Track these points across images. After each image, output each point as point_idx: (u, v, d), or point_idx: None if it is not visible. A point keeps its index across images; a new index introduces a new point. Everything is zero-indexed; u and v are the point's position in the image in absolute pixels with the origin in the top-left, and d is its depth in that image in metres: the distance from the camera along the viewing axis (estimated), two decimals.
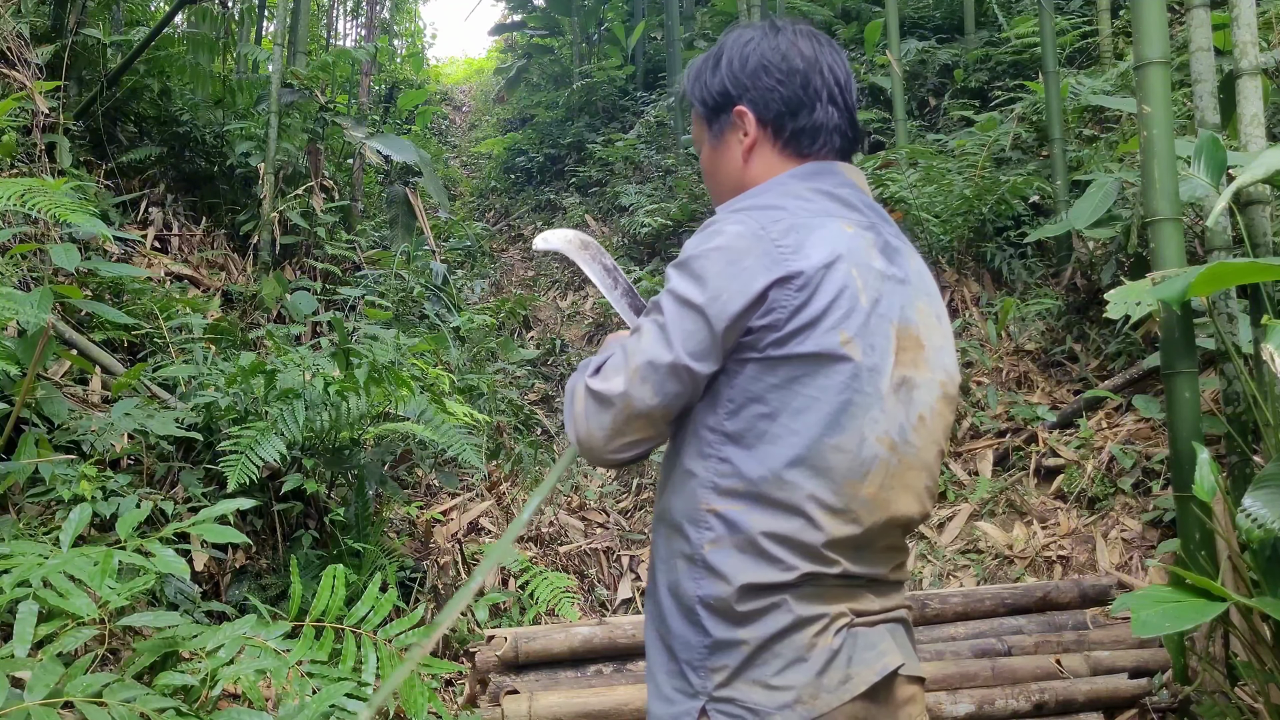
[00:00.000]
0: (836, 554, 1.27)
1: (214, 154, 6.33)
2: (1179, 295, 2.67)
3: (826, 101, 1.42)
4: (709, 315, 1.24)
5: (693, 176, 8.81)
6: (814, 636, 1.25)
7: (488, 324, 6.70)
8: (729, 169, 1.47)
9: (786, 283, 1.24)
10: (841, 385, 1.26)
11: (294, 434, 3.42)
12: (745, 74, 1.43)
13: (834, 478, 1.26)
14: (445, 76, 19.24)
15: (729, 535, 1.27)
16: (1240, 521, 2.29)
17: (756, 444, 1.26)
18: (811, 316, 1.24)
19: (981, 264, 5.79)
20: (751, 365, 1.26)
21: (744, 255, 1.25)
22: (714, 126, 1.48)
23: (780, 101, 1.42)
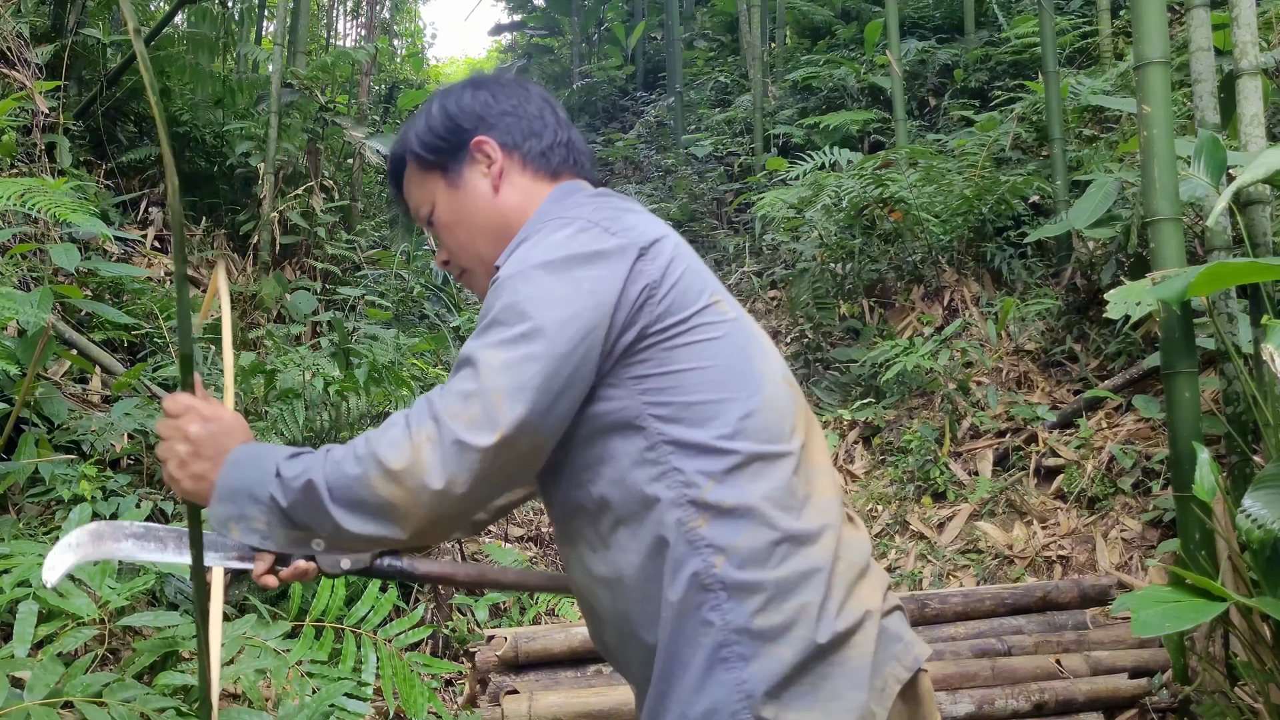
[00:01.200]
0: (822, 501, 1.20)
1: (214, 154, 6.33)
2: (1179, 295, 2.67)
3: (559, 125, 1.41)
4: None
5: (692, 176, 8.82)
6: (856, 636, 1.14)
7: None
8: (479, 206, 1.36)
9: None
10: (739, 343, 1.21)
11: (294, 434, 3.42)
12: (477, 106, 1.39)
13: (775, 433, 1.19)
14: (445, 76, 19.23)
15: (735, 535, 1.13)
16: (1240, 521, 2.29)
17: (697, 432, 1.15)
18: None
19: (981, 264, 5.79)
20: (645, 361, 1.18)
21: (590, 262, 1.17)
22: (449, 172, 1.38)
23: (521, 123, 1.38)
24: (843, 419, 5.28)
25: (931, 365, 4.92)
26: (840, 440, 5.23)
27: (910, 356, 4.96)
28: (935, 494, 4.59)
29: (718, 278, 1.29)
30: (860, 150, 7.28)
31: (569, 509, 1.23)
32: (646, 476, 1.15)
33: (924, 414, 5.05)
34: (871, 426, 5.18)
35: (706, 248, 8.13)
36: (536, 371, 1.09)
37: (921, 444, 4.74)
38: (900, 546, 4.41)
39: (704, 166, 8.90)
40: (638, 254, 1.17)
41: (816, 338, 5.94)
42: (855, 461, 5.12)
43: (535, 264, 1.16)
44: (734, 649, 1.11)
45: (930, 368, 4.95)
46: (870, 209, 5.94)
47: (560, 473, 1.21)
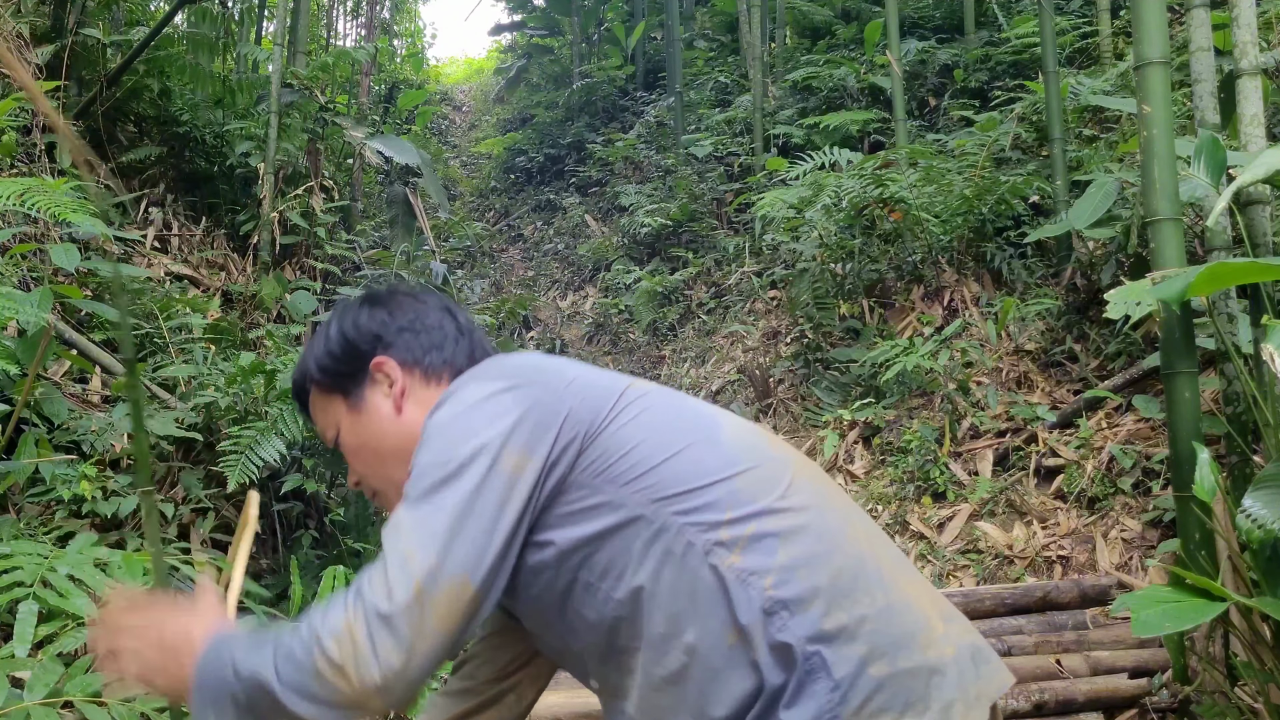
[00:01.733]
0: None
1: (214, 154, 6.33)
2: (1179, 295, 2.67)
3: (459, 331, 1.42)
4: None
5: (692, 176, 8.82)
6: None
7: (488, 324, 6.70)
8: (383, 429, 1.35)
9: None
10: (670, 404, 1.27)
11: (294, 434, 3.42)
12: (374, 326, 1.38)
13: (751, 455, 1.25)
14: (445, 76, 19.24)
15: (772, 555, 1.16)
16: (1240, 521, 2.29)
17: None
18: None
19: (981, 264, 5.79)
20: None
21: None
22: (350, 396, 1.37)
23: (420, 338, 1.38)
24: (843, 419, 5.28)
25: (931, 365, 4.92)
26: (840, 440, 5.23)
27: (910, 356, 4.96)
28: (935, 494, 4.59)
29: (624, 378, 1.33)
30: (860, 150, 7.28)
31: (606, 631, 1.22)
32: (663, 547, 1.17)
33: (924, 414, 5.05)
34: (871, 426, 5.18)
35: (707, 248, 8.13)
36: (442, 518, 1.12)
37: (921, 444, 4.74)
38: (900, 546, 4.40)
39: (704, 166, 8.90)
40: (558, 410, 1.21)
41: (816, 338, 5.94)
42: (855, 461, 5.12)
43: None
44: (813, 660, 1.13)
45: (930, 368, 4.96)
46: (870, 209, 5.94)
47: (583, 606, 1.22)
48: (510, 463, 1.15)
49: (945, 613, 1.26)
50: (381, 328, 1.38)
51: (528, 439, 1.17)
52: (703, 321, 7.40)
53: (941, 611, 1.25)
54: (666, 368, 7.24)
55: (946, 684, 1.17)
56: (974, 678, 1.20)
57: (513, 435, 1.16)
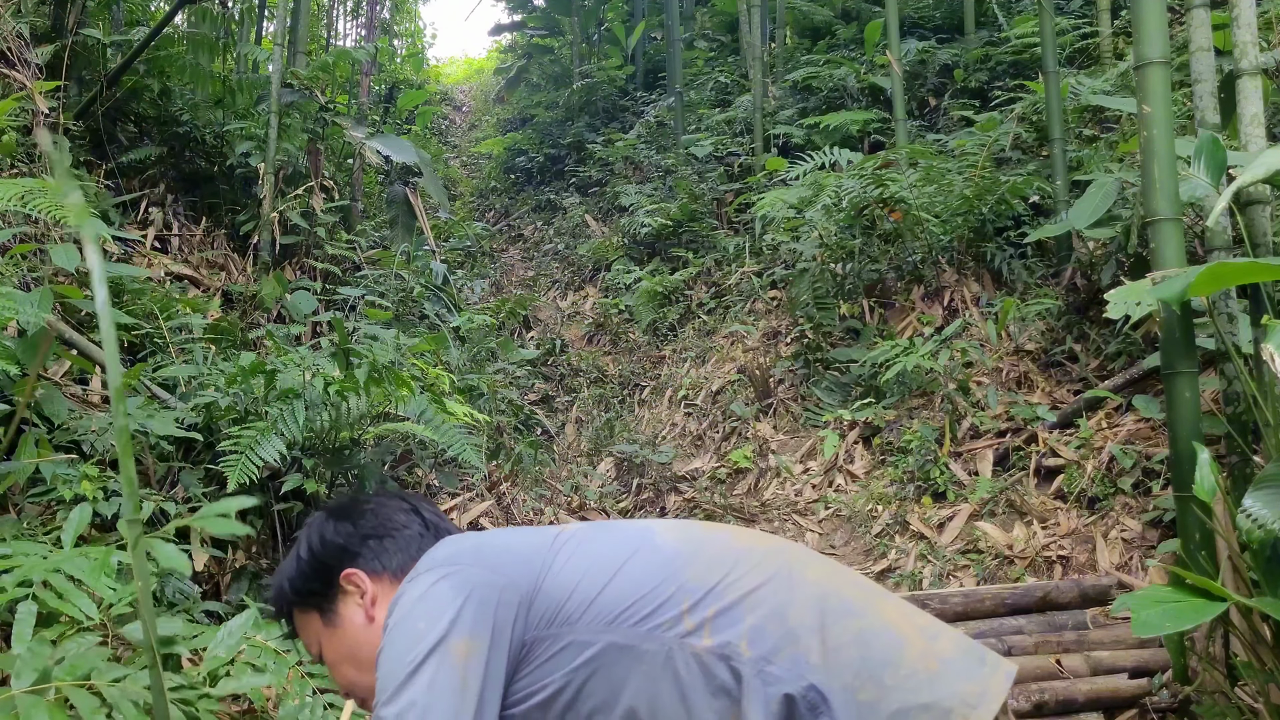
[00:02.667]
0: None
1: (214, 154, 6.33)
2: (1179, 295, 2.67)
3: (424, 528, 1.47)
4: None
5: (692, 176, 8.82)
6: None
7: (488, 324, 6.70)
8: (359, 640, 1.41)
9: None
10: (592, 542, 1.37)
11: (294, 434, 3.42)
12: (340, 539, 1.44)
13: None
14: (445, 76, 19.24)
15: (738, 624, 1.26)
16: (1240, 521, 2.29)
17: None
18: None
19: (981, 264, 5.79)
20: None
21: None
22: (325, 612, 1.43)
23: (385, 543, 1.44)
24: (843, 419, 5.28)
25: (931, 365, 4.92)
26: (840, 440, 5.23)
27: (910, 356, 4.96)
28: (935, 494, 4.59)
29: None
30: (860, 150, 7.27)
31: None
32: (639, 662, 1.24)
33: (924, 414, 5.05)
34: (871, 426, 5.18)
35: (706, 248, 8.13)
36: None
37: (921, 444, 4.74)
38: (900, 546, 4.41)
39: (704, 166, 8.89)
40: (496, 584, 1.28)
41: (816, 338, 5.94)
42: (855, 461, 5.12)
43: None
44: (811, 696, 1.20)
45: (930, 368, 4.96)
46: (870, 209, 5.94)
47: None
48: (459, 650, 1.22)
49: (928, 629, 1.31)
50: (347, 539, 1.43)
51: (471, 622, 1.23)
52: (703, 321, 7.40)
53: (922, 628, 1.30)
54: (666, 368, 7.24)
55: (938, 691, 1.22)
56: (969, 682, 1.24)
57: (455, 624, 1.23)
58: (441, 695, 1.19)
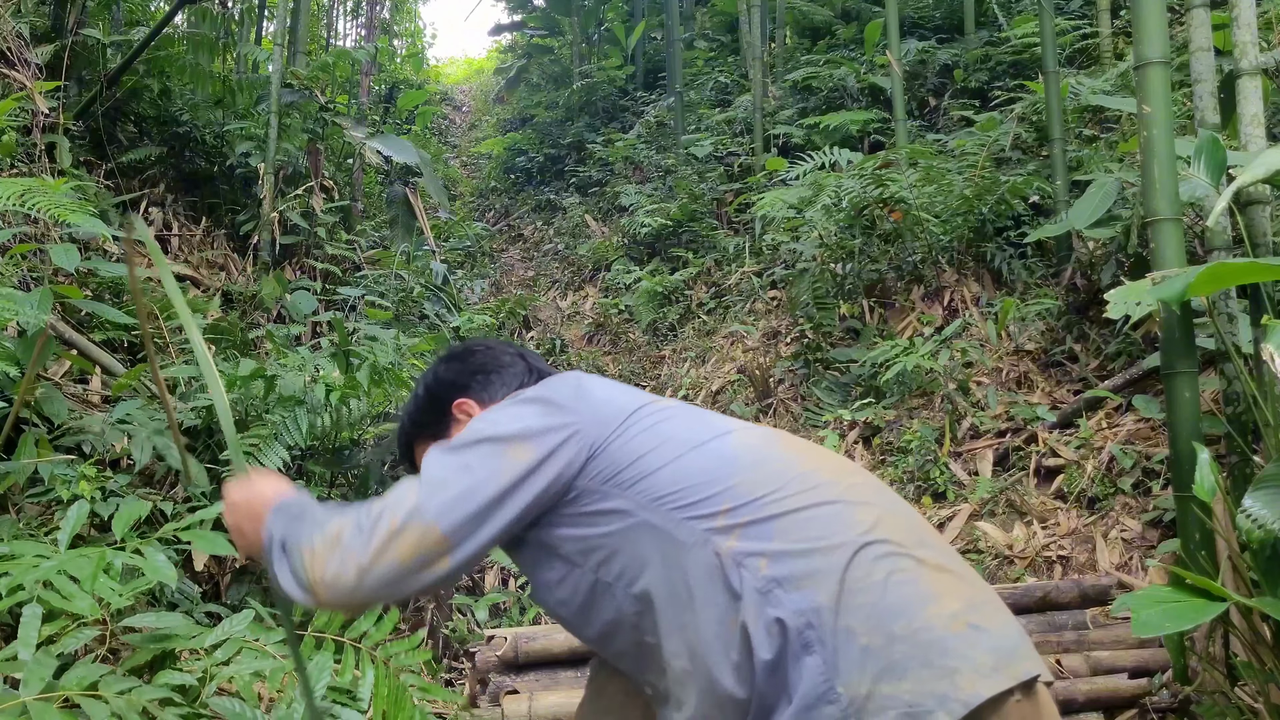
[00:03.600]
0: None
1: (214, 154, 6.33)
2: (1179, 295, 2.67)
3: (528, 366, 1.64)
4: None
5: (692, 176, 8.82)
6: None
7: (488, 324, 6.70)
8: None
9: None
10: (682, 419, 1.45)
11: (296, 440, 3.42)
12: (451, 376, 1.63)
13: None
14: (445, 76, 19.24)
15: (768, 539, 1.29)
16: (1240, 521, 2.29)
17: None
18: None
19: (981, 264, 5.78)
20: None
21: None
22: (440, 438, 1.55)
23: (491, 377, 1.61)
24: (843, 419, 5.28)
25: (931, 365, 4.92)
26: (840, 440, 5.23)
27: (910, 356, 4.96)
28: (935, 494, 4.59)
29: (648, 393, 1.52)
30: (860, 150, 7.27)
31: (630, 629, 1.37)
32: (666, 543, 1.31)
33: (924, 414, 5.05)
34: (871, 426, 5.18)
35: (706, 248, 8.12)
36: (439, 472, 1.37)
37: (921, 444, 4.74)
38: None
39: (704, 166, 8.89)
40: (571, 424, 1.39)
41: (816, 338, 5.94)
42: (855, 461, 5.11)
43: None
44: (806, 635, 1.22)
45: (930, 368, 4.95)
46: (870, 209, 5.94)
47: (605, 607, 1.37)
48: (513, 453, 1.34)
49: (975, 598, 1.28)
50: (458, 375, 1.62)
51: (536, 440, 1.35)
52: (703, 321, 7.40)
53: (969, 596, 1.28)
54: (666, 368, 7.24)
55: (950, 653, 1.20)
56: (989, 654, 1.21)
57: (522, 433, 1.36)
58: (474, 473, 1.33)
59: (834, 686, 1.18)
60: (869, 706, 1.17)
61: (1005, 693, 1.19)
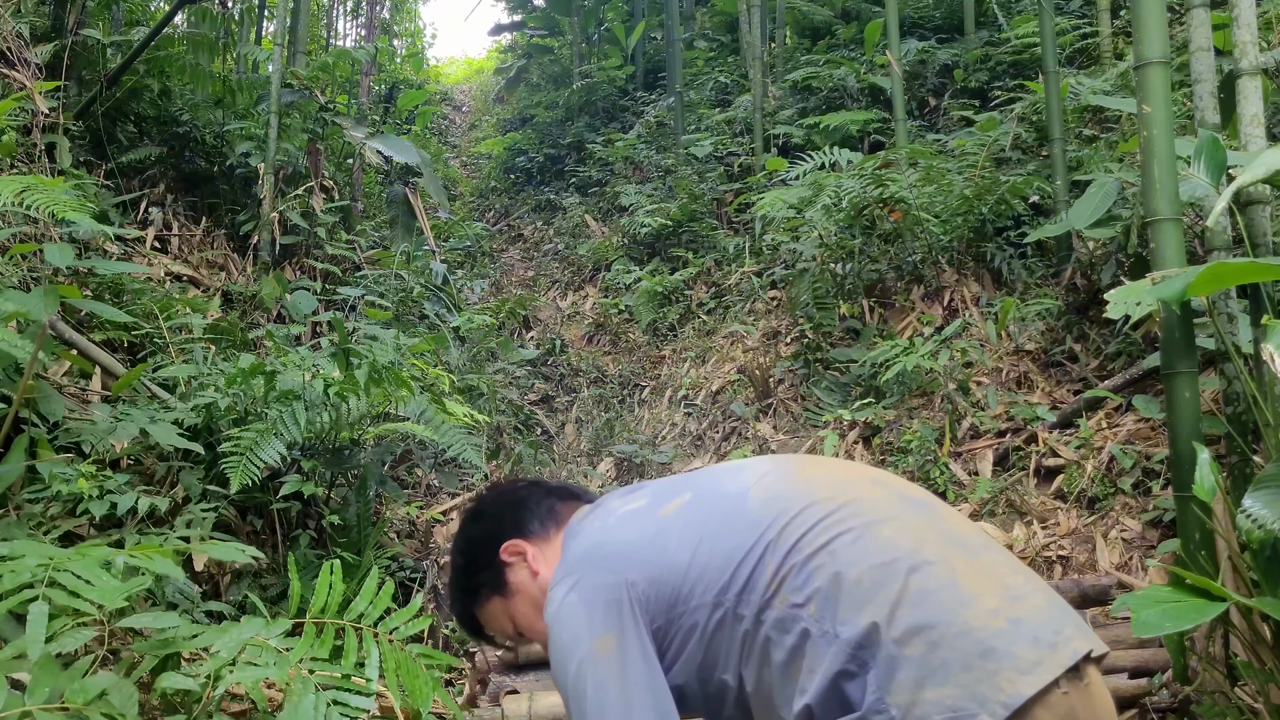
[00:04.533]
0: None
1: (214, 154, 6.33)
2: (1179, 295, 2.67)
3: (542, 492, 1.72)
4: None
5: (692, 176, 8.82)
6: None
7: (488, 324, 6.70)
8: (535, 594, 1.62)
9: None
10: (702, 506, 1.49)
11: (294, 435, 3.42)
12: (486, 529, 1.68)
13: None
14: (445, 76, 19.24)
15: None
16: (1240, 521, 2.29)
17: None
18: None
19: (981, 264, 5.78)
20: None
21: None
22: (499, 588, 1.65)
23: (518, 513, 1.68)
24: (843, 419, 5.28)
25: (931, 365, 4.92)
26: (840, 440, 5.22)
27: (910, 356, 4.96)
28: (935, 494, 4.59)
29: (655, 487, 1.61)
30: (860, 150, 7.27)
31: (733, 703, 1.44)
32: (726, 626, 1.40)
33: (924, 414, 5.05)
34: (871, 426, 5.18)
35: (707, 248, 8.12)
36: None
37: (921, 444, 4.74)
38: None
39: (704, 166, 8.89)
40: (605, 562, 1.46)
41: (816, 338, 5.94)
42: (855, 461, 5.11)
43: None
44: (862, 655, 1.29)
45: (930, 368, 4.95)
46: (870, 209, 5.93)
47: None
48: (602, 646, 1.39)
49: (1012, 589, 1.30)
50: (487, 528, 1.68)
51: (603, 622, 1.40)
52: (703, 321, 7.40)
53: (1007, 587, 1.30)
54: (666, 367, 7.24)
55: (990, 653, 1.21)
56: (1030, 646, 1.22)
57: (590, 630, 1.40)
58: (607, 685, 1.36)
59: (883, 698, 1.22)
60: (914, 713, 1.20)
61: (1050, 685, 1.20)
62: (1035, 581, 1.34)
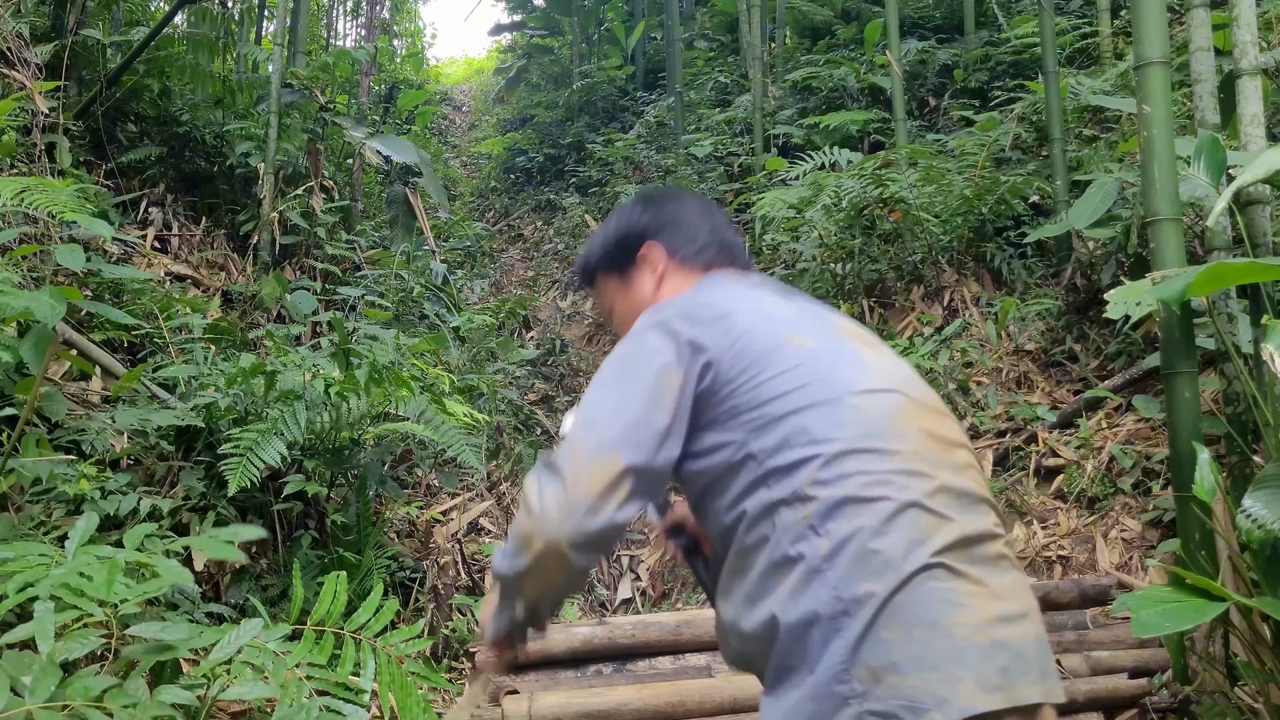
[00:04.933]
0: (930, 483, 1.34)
1: (214, 154, 6.33)
2: (1179, 295, 2.67)
3: (713, 229, 1.70)
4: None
5: (692, 176, 8.82)
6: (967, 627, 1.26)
7: (488, 324, 6.69)
8: (644, 303, 1.65)
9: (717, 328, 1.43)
10: (808, 358, 1.41)
11: (295, 435, 3.42)
12: (645, 221, 1.71)
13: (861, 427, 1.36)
14: (445, 76, 19.24)
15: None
16: (1240, 521, 2.29)
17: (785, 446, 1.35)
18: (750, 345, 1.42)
19: (981, 264, 5.78)
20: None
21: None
22: (624, 273, 1.71)
23: (680, 231, 1.69)
24: None
25: (931, 365, 4.92)
26: None
27: (910, 356, 4.95)
28: None
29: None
30: (860, 150, 7.27)
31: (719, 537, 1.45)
32: (754, 491, 1.36)
33: None
34: None
35: None
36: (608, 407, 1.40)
37: None
38: None
39: (704, 166, 8.89)
40: (699, 320, 1.44)
41: None
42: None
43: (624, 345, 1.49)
44: (841, 620, 1.28)
45: (930, 368, 4.95)
46: (870, 209, 5.93)
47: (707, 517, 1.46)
48: (664, 377, 1.39)
49: (1006, 609, 1.30)
50: (652, 220, 1.70)
51: (660, 368, 1.39)
52: None
53: (1002, 605, 1.30)
54: None
55: (962, 663, 1.23)
56: (998, 671, 1.24)
57: (667, 364, 1.39)
58: (637, 403, 1.37)
59: (850, 669, 1.23)
60: (875, 691, 1.22)
61: (1001, 712, 1.22)
62: (1030, 606, 1.35)
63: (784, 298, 1.55)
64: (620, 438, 1.35)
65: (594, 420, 1.38)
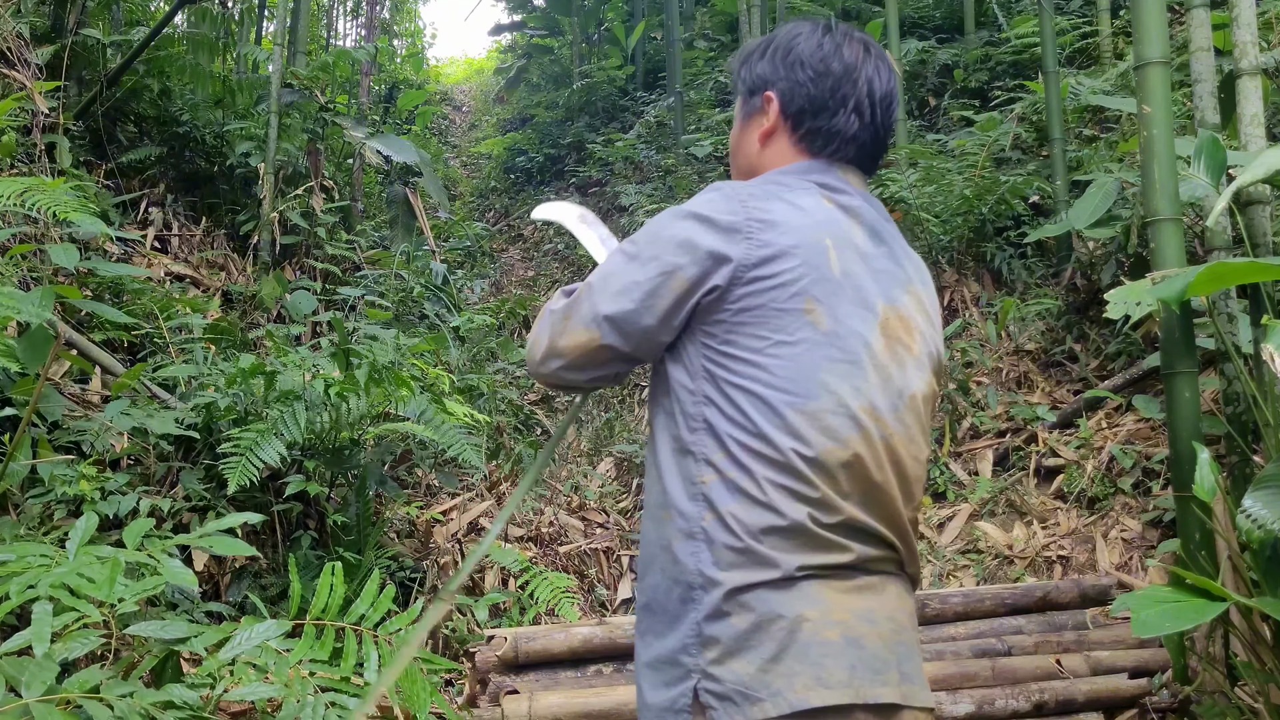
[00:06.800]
0: (834, 507, 1.29)
1: (214, 154, 6.33)
2: (1179, 295, 2.67)
3: (851, 110, 1.46)
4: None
5: (692, 176, 8.82)
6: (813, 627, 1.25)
7: (488, 324, 6.69)
8: (747, 149, 1.54)
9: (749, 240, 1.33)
10: (806, 347, 1.31)
11: (294, 435, 3.42)
12: (783, 64, 1.49)
13: (810, 438, 1.29)
14: (445, 76, 19.23)
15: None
16: (1240, 522, 2.29)
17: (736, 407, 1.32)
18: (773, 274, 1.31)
19: (981, 264, 5.79)
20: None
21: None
22: (746, 107, 1.55)
23: (805, 98, 1.46)
24: None
25: None
26: None
27: None
28: (935, 494, 4.60)
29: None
30: None
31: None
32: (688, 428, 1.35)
33: None
34: None
35: None
36: (617, 282, 1.39)
37: None
38: None
39: (704, 166, 8.89)
40: (739, 233, 1.32)
41: None
42: None
43: (670, 212, 1.41)
44: (714, 596, 1.29)
45: None
46: None
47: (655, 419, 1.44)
48: (669, 284, 1.34)
49: (874, 615, 1.30)
50: (789, 72, 1.48)
51: (686, 270, 1.33)
52: None
53: (871, 611, 1.30)
54: None
55: (804, 658, 1.24)
56: (845, 668, 1.24)
57: (679, 267, 1.34)
58: (640, 290, 1.35)
59: (696, 645, 1.27)
60: (714, 671, 1.26)
61: (847, 707, 1.23)
62: (902, 611, 1.34)
63: (861, 248, 1.38)
64: (608, 319, 1.37)
65: (604, 284, 1.39)
